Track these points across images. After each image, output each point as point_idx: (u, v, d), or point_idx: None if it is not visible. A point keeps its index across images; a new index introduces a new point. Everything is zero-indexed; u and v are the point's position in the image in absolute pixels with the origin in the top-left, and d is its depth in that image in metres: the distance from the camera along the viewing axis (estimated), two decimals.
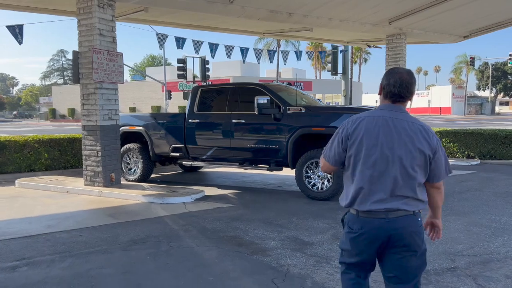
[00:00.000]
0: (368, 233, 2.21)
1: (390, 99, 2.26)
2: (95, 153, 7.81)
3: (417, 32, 12.08)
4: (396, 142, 2.17)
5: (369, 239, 2.22)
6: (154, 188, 7.78)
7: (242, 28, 12.45)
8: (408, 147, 2.17)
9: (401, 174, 2.16)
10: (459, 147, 12.03)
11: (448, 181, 8.71)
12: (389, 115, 2.23)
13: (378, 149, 2.18)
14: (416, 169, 2.18)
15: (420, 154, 2.17)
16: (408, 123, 2.21)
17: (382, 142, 2.18)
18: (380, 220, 2.18)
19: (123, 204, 6.85)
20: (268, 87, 7.75)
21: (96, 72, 7.58)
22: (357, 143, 2.23)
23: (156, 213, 6.25)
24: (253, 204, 6.79)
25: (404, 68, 2.45)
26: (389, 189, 2.17)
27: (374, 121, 2.23)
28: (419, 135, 2.19)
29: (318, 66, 63.04)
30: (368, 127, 2.22)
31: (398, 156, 2.16)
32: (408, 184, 2.18)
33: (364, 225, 2.22)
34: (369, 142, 2.20)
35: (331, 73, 16.74)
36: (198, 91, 8.48)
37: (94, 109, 7.76)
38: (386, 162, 2.17)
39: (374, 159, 2.19)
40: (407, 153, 2.16)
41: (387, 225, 2.18)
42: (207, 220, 5.70)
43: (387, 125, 2.20)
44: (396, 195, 2.17)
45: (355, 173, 2.25)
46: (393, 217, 2.18)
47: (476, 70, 66.94)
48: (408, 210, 2.20)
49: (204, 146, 8.20)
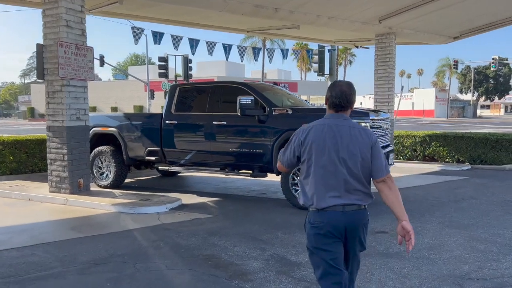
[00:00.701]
0: (328, 224, 2.40)
1: (334, 108, 2.54)
2: (61, 157, 7.10)
3: (407, 32, 11.65)
4: (340, 145, 2.44)
5: (332, 230, 2.40)
6: (126, 195, 7.10)
7: (225, 24, 11.83)
8: (350, 149, 2.44)
9: (349, 173, 2.42)
10: (449, 151, 11.63)
11: (441, 187, 8.25)
12: (333, 122, 2.51)
13: (326, 153, 2.44)
14: (359, 167, 2.44)
15: (361, 154, 2.45)
16: (349, 128, 2.50)
17: (329, 146, 2.44)
18: (337, 213, 2.40)
19: (89, 215, 6.17)
20: (252, 86, 7.15)
21: (62, 68, 6.87)
22: (308, 149, 2.49)
23: (125, 225, 5.59)
24: (234, 214, 6.18)
25: (345, 81, 2.70)
26: (342, 186, 2.42)
27: (321, 129, 2.50)
28: (359, 137, 2.47)
29: (304, 67, 62.79)
30: (316, 135, 2.49)
31: (343, 158, 2.42)
32: (356, 181, 2.43)
33: (325, 218, 2.42)
34: (318, 148, 2.46)
35: (317, 73, 16.18)
36: (176, 90, 7.83)
37: (60, 109, 7.04)
38: (334, 163, 2.43)
39: (324, 162, 2.44)
40: (350, 155, 2.43)
41: (343, 217, 2.40)
42: (182, 235, 5.07)
43: (331, 131, 2.47)
44: (349, 191, 2.42)
45: (309, 175, 2.49)
46: (349, 210, 2.41)
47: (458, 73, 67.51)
48: (360, 204, 2.45)
49: (182, 150, 7.56)
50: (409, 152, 12.08)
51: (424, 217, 5.94)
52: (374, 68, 11.99)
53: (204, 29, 11.94)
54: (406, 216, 2.48)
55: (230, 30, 12.45)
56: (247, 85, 7.17)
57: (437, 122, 46.05)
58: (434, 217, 5.98)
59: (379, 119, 6.68)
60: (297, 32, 12.63)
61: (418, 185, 8.57)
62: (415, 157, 12.03)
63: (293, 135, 2.61)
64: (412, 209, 6.44)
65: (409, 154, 12.09)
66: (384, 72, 11.73)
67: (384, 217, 5.91)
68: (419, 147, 11.98)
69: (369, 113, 6.43)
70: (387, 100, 11.78)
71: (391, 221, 5.72)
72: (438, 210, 6.36)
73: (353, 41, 13.96)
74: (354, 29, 10.98)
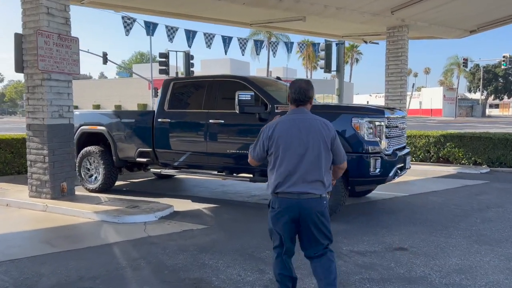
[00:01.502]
0: (286, 209, 2.75)
1: (294, 103, 2.88)
2: (42, 158, 6.43)
3: (420, 24, 10.86)
4: (304, 138, 2.75)
5: (287, 214, 2.74)
6: (112, 201, 6.42)
7: (226, 17, 11.12)
8: (313, 140, 2.75)
9: (311, 163, 2.74)
10: (465, 153, 10.84)
11: (461, 193, 7.49)
12: (295, 117, 2.84)
13: (290, 145, 2.75)
14: (321, 157, 2.76)
15: (323, 144, 2.78)
16: (311, 120, 2.82)
17: (293, 140, 2.75)
18: (293, 200, 2.73)
19: (68, 224, 5.49)
20: (252, 80, 6.43)
21: (42, 60, 6.20)
22: (275, 143, 2.79)
23: (105, 238, 4.90)
24: (231, 224, 5.48)
25: (303, 78, 3.25)
26: (304, 175, 2.72)
27: (285, 123, 2.81)
28: (321, 129, 2.79)
29: (310, 65, 61.89)
30: (282, 129, 2.79)
31: (306, 148, 2.74)
32: (316, 172, 2.75)
33: (282, 203, 2.76)
34: (284, 141, 2.76)
35: (324, 70, 15.37)
36: (169, 84, 7.13)
37: (41, 105, 6.38)
38: (298, 155, 2.74)
39: (289, 154, 2.75)
40: (313, 146, 2.75)
41: (298, 204, 2.72)
42: (169, 251, 4.37)
43: (295, 125, 2.78)
44: (307, 181, 2.72)
45: (275, 166, 2.79)
46: (303, 198, 2.71)
47: (467, 72, 66.36)
48: (315, 193, 2.74)
49: (176, 151, 6.86)
50: (422, 153, 11.31)
51: (448, 230, 5.20)
52: (385, 63, 11.22)
53: (204, 22, 11.22)
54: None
55: (232, 23, 11.73)
56: (247, 80, 6.45)
57: (446, 121, 45.07)
58: (458, 229, 5.24)
59: (395, 118, 5.94)
60: (303, 26, 11.91)
61: (435, 190, 7.82)
62: (429, 159, 11.26)
63: (261, 131, 2.91)
64: (433, 219, 5.70)
65: (422, 156, 11.32)
66: (396, 68, 10.96)
67: (400, 229, 5.19)
68: (432, 148, 11.21)
69: (384, 111, 5.70)
70: (399, 98, 11.01)
71: (410, 233, 5.00)
72: (462, 221, 5.62)
73: (362, 35, 13.19)
74: (363, 21, 10.23)
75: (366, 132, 5.45)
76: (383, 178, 5.52)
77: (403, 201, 6.95)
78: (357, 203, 6.75)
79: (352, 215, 5.93)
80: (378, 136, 5.51)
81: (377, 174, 5.44)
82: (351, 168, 5.44)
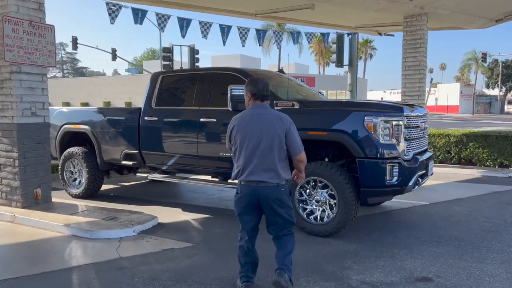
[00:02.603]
0: (245, 195, 3.18)
1: (259, 99, 3.25)
2: (11, 161, 5.70)
3: (441, 12, 9.83)
4: (260, 130, 3.11)
5: (246, 199, 3.18)
6: (90, 211, 5.65)
7: (228, 7, 10.27)
8: (269, 132, 3.11)
9: (266, 154, 3.11)
10: (490, 154, 9.84)
11: (489, 202, 6.55)
12: (256, 112, 3.21)
13: (249, 137, 3.12)
14: (274, 148, 3.12)
15: (276, 136, 3.12)
16: (267, 114, 3.18)
17: (252, 132, 3.12)
18: (252, 187, 3.14)
19: (34, 239, 4.74)
20: (248, 73, 5.58)
21: (10, 50, 5.44)
22: (235, 135, 3.20)
23: (68, 259, 4.12)
24: (220, 243, 4.66)
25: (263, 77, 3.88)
26: (259, 165, 3.10)
27: (245, 117, 3.20)
28: (275, 122, 3.14)
29: (322, 61, 60.59)
30: (242, 122, 3.18)
31: (261, 139, 3.10)
32: (271, 162, 3.11)
33: (243, 189, 3.20)
34: (243, 133, 3.14)
35: (335, 64, 14.46)
36: (158, 78, 6.35)
37: (10, 102, 5.63)
38: (255, 146, 3.11)
39: (247, 144, 3.13)
40: (268, 137, 3.11)
41: (256, 191, 3.14)
42: (137, 280, 3.57)
43: (253, 119, 3.16)
44: (263, 170, 3.10)
45: (236, 155, 3.22)
46: (261, 186, 3.11)
47: (485, 67, 64.30)
48: (272, 182, 3.12)
49: (164, 153, 6.07)
50: (442, 154, 10.34)
51: (480, 252, 4.30)
52: (402, 56, 10.23)
53: (205, 12, 10.40)
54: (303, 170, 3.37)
55: (236, 13, 10.87)
56: (243, 72, 5.61)
57: (463, 118, 43.56)
58: (493, 251, 4.34)
59: (415, 116, 5.03)
60: (311, 16, 10.99)
61: (459, 197, 6.89)
62: (449, 160, 10.29)
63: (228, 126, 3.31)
64: (460, 237, 4.81)
65: (441, 157, 10.35)
66: (414, 60, 9.97)
67: (422, 249, 4.31)
68: (453, 148, 10.23)
69: (402, 108, 4.81)
70: (417, 93, 10.03)
71: (434, 256, 4.13)
72: (495, 239, 4.72)
73: (376, 26, 12.19)
74: (378, 8, 9.28)
75: (381, 133, 4.58)
76: (401, 188, 4.63)
77: (423, 211, 6.05)
78: (370, 214, 5.88)
79: (363, 230, 5.06)
80: (396, 138, 4.62)
81: (394, 184, 4.56)
82: (363, 177, 4.58)
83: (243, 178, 3.14)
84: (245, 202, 3.18)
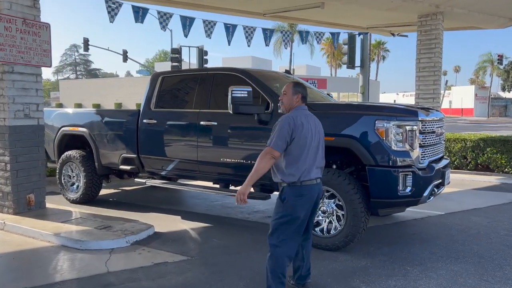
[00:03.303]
0: (312, 195, 3.18)
1: (304, 100, 3.35)
2: (3, 166, 5.45)
3: (458, 11, 9.39)
4: (314, 130, 3.23)
5: (313, 199, 3.20)
6: (84, 219, 5.36)
7: (236, 6, 9.97)
8: (320, 132, 3.31)
9: (319, 152, 3.26)
10: (508, 160, 9.34)
11: (510, 212, 6.11)
12: (306, 113, 3.30)
13: (310, 138, 3.18)
14: (322, 146, 3.31)
15: (322, 135, 3.34)
16: (313, 116, 3.34)
17: (310, 133, 3.19)
18: (316, 186, 3.21)
19: (21, 249, 4.46)
20: (251, 73, 5.24)
21: (1, 49, 5.19)
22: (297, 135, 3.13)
23: (53, 274, 3.82)
24: (218, 255, 4.32)
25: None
26: (315, 163, 3.21)
27: (300, 118, 3.19)
28: (318, 123, 3.34)
29: (334, 63, 60.04)
30: (300, 124, 3.15)
31: (317, 140, 3.24)
32: (321, 159, 3.29)
33: (309, 190, 3.16)
34: (305, 134, 3.16)
35: (347, 66, 14.13)
36: (158, 79, 6.05)
37: (1, 103, 5.38)
38: (313, 146, 3.20)
39: (308, 145, 3.16)
40: (321, 137, 3.31)
41: (318, 188, 3.24)
42: None
43: (307, 120, 3.23)
44: (316, 167, 3.23)
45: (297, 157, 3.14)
46: (319, 182, 3.25)
47: (501, 69, 63.01)
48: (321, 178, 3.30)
49: (163, 158, 5.77)
50: (457, 159, 9.87)
51: (503, 271, 3.89)
52: (416, 57, 9.81)
53: (212, 11, 10.13)
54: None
55: (243, 13, 10.56)
56: (245, 73, 5.27)
57: (478, 121, 42.63)
58: None
59: (431, 120, 4.64)
60: (321, 16, 10.63)
61: (477, 207, 6.46)
62: (465, 166, 9.81)
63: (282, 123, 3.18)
64: (480, 252, 4.39)
65: (457, 162, 9.87)
66: (429, 62, 9.54)
67: (438, 267, 3.91)
68: (470, 154, 9.75)
69: (417, 112, 4.42)
70: (431, 96, 9.59)
71: (452, 276, 3.73)
72: None
73: (389, 26, 11.78)
74: (391, 7, 8.88)
75: (394, 139, 4.20)
76: (415, 199, 4.25)
77: (439, 222, 5.64)
78: (380, 224, 5.49)
79: (373, 244, 4.68)
80: (410, 144, 4.24)
81: (408, 194, 4.18)
82: (374, 186, 4.20)
83: (309, 177, 3.14)
84: (310, 203, 3.19)
